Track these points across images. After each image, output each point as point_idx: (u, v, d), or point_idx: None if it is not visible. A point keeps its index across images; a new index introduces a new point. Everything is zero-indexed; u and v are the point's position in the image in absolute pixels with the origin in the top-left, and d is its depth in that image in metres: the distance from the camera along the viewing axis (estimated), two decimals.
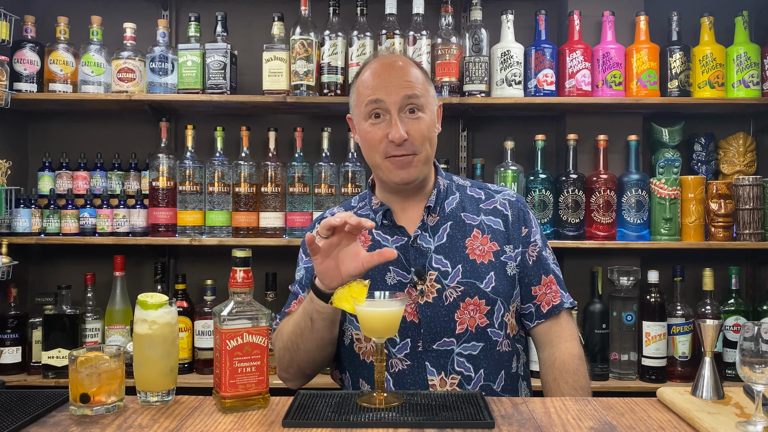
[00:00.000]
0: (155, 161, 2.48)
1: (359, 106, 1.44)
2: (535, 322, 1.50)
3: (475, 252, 1.44)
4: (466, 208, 1.50)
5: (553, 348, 1.48)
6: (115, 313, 2.45)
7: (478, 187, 1.57)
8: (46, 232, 2.48)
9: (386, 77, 1.40)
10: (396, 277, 1.43)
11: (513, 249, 1.48)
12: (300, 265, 1.57)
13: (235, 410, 1.22)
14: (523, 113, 2.71)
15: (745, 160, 2.62)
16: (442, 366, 1.40)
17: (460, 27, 2.67)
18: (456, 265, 1.43)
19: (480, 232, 1.47)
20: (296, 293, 1.55)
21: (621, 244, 2.45)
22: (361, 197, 1.60)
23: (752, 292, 2.70)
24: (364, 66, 1.48)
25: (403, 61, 1.45)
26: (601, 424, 1.16)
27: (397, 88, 1.39)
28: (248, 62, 2.63)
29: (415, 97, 1.39)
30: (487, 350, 1.41)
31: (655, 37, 2.54)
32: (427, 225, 1.47)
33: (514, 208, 1.52)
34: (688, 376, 2.37)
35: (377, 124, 1.40)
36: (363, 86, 1.43)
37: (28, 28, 2.49)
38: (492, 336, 1.42)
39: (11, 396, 1.27)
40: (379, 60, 1.46)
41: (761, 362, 1.10)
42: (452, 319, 1.41)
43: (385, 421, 1.14)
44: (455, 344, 1.40)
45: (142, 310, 1.28)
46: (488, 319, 1.42)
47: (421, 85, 1.42)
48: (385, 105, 1.39)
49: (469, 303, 1.41)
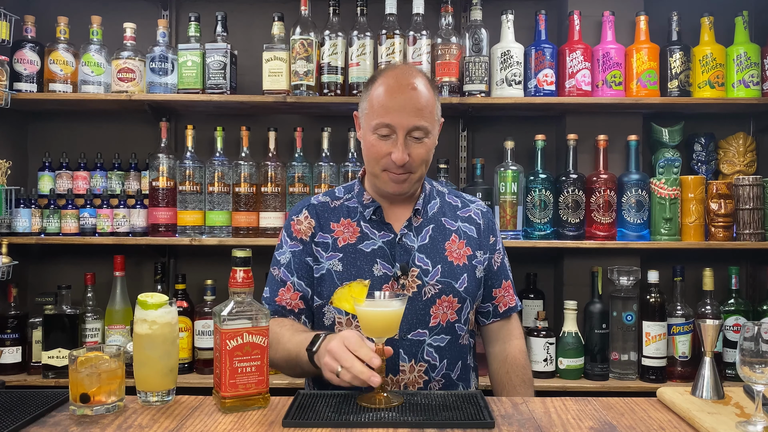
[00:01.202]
0: (155, 161, 2.48)
1: (369, 118, 1.51)
2: (490, 320, 1.68)
3: (452, 254, 1.58)
4: (445, 214, 1.63)
5: (504, 344, 1.67)
6: (115, 313, 2.45)
7: (455, 195, 1.70)
8: (46, 232, 2.48)
9: (400, 100, 1.46)
10: (382, 270, 1.53)
11: (482, 254, 1.62)
12: (284, 248, 1.61)
13: (235, 410, 1.22)
14: (523, 113, 2.71)
15: (745, 160, 2.62)
16: (413, 354, 1.51)
17: (460, 27, 2.67)
18: (436, 265, 1.55)
19: (457, 237, 1.60)
20: (284, 280, 1.58)
21: (621, 244, 2.45)
22: (347, 189, 1.67)
23: (752, 292, 2.70)
24: (381, 75, 1.53)
25: (418, 81, 1.49)
26: (601, 424, 1.16)
27: (408, 115, 1.46)
28: (248, 62, 2.63)
29: (423, 127, 1.48)
30: (452, 342, 1.55)
31: (655, 37, 2.54)
32: (413, 225, 1.58)
33: (485, 218, 1.67)
34: (688, 376, 2.37)
35: (383, 140, 1.49)
36: (376, 102, 1.49)
37: (28, 28, 2.49)
38: (458, 330, 1.56)
39: (11, 396, 1.28)
40: (395, 76, 1.50)
41: (761, 362, 1.10)
42: (428, 313, 1.52)
43: (385, 421, 1.14)
44: (427, 335, 1.52)
45: (142, 310, 1.28)
46: (457, 315, 1.56)
47: (430, 112, 1.49)
48: (394, 128, 1.47)
49: (444, 300, 1.54)
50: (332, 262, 1.54)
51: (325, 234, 1.57)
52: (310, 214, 1.61)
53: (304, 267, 1.57)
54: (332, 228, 1.58)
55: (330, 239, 1.56)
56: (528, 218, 2.48)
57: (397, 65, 1.61)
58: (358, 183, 1.64)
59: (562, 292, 2.59)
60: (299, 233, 1.59)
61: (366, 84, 1.57)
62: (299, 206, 1.65)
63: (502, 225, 2.46)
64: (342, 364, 1.24)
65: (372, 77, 1.57)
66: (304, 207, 1.63)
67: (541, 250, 2.65)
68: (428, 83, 1.52)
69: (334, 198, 1.64)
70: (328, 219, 1.59)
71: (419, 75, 1.53)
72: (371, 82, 1.54)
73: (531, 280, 2.64)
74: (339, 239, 1.56)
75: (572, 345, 2.40)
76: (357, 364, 1.22)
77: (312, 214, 1.60)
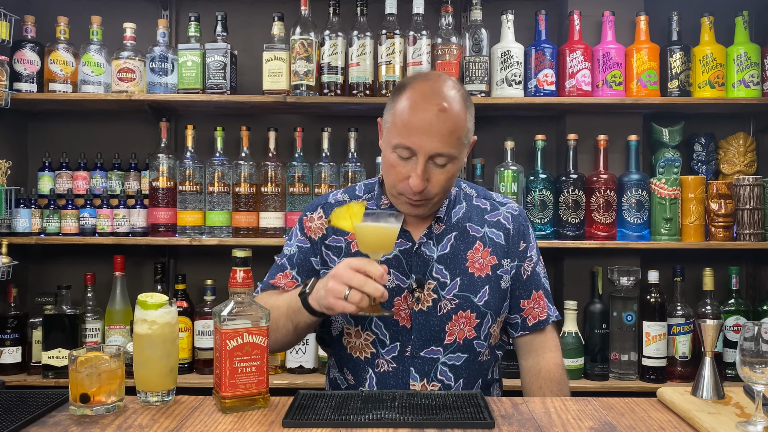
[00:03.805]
0: (155, 161, 2.48)
1: (390, 134, 1.37)
2: (519, 333, 1.54)
3: (474, 265, 1.46)
4: (471, 219, 1.51)
5: (538, 357, 1.53)
6: (115, 313, 2.45)
7: (483, 197, 1.57)
8: (46, 232, 2.48)
9: (425, 121, 1.30)
10: (395, 281, 1.43)
11: (510, 263, 1.50)
12: (293, 241, 1.54)
13: (235, 410, 1.22)
14: (523, 113, 2.71)
15: (745, 160, 2.62)
16: (426, 373, 1.42)
17: (460, 27, 2.67)
18: (455, 278, 1.45)
19: (482, 245, 1.48)
20: (283, 266, 1.53)
21: (621, 244, 2.45)
22: (368, 188, 1.56)
23: (752, 292, 2.70)
24: (409, 85, 1.36)
25: (448, 98, 1.32)
26: (601, 424, 1.16)
27: (432, 140, 1.31)
28: (248, 62, 2.64)
29: (447, 154, 1.33)
30: (469, 361, 1.45)
31: (655, 37, 2.54)
32: (433, 233, 1.47)
33: (516, 222, 1.54)
34: (688, 376, 2.37)
35: (402, 161, 1.35)
36: (399, 118, 1.34)
37: (28, 28, 2.49)
38: (476, 347, 1.46)
39: (11, 396, 1.27)
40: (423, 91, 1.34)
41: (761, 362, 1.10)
42: (443, 330, 1.43)
43: (385, 421, 1.14)
44: (441, 353, 1.43)
45: (142, 310, 1.28)
46: (476, 332, 1.45)
47: (458, 138, 1.33)
48: (415, 151, 1.33)
49: (461, 316, 1.43)
50: None
51: (338, 237, 1.49)
52: (325, 213, 1.52)
53: (307, 264, 1.51)
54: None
55: (343, 243, 1.49)
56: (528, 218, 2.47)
57: (429, 75, 1.44)
58: (378, 185, 1.53)
59: (562, 292, 2.59)
60: (310, 231, 1.52)
61: (393, 92, 1.40)
62: (315, 203, 1.57)
63: None
64: (352, 284, 1.19)
65: (400, 84, 1.39)
66: (320, 205, 1.55)
67: (542, 250, 2.62)
68: (461, 100, 1.35)
69: (353, 196, 1.55)
70: None
71: (452, 90, 1.34)
72: (398, 91, 1.38)
73: None
74: (352, 243, 1.47)
75: (572, 345, 2.40)
76: (370, 282, 1.19)
77: (327, 213, 1.51)
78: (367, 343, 1.45)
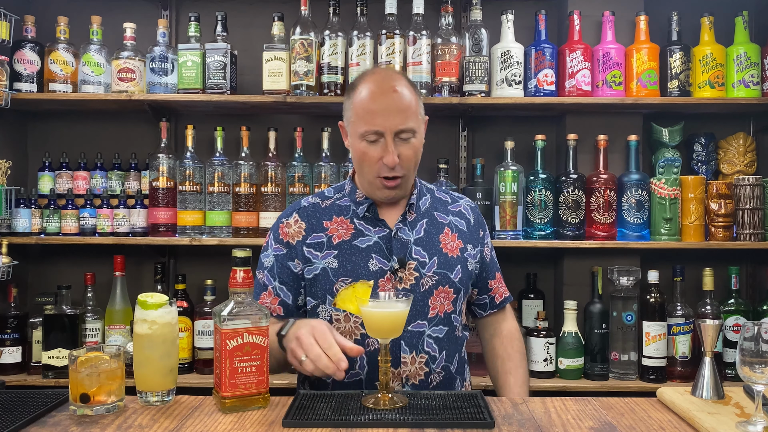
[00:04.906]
0: (155, 161, 2.48)
1: (355, 126, 1.52)
2: (487, 312, 1.74)
3: (447, 246, 1.60)
4: (437, 209, 1.66)
5: (500, 325, 1.75)
6: (115, 313, 2.45)
7: (443, 192, 1.74)
8: (46, 232, 2.48)
9: (384, 104, 1.48)
10: (378, 264, 1.54)
11: (473, 248, 1.66)
12: (269, 251, 1.61)
13: (235, 410, 1.22)
14: (523, 113, 2.71)
15: (745, 160, 2.62)
16: (414, 346, 1.52)
17: (460, 27, 2.67)
18: (432, 257, 1.57)
19: (450, 230, 1.64)
20: (266, 284, 1.59)
21: (621, 244, 2.45)
22: (337, 189, 1.67)
23: (752, 292, 2.70)
24: (362, 80, 1.55)
25: (398, 82, 1.52)
26: (601, 424, 1.16)
27: (394, 118, 1.48)
28: (248, 62, 2.63)
29: (409, 128, 1.50)
30: (449, 334, 1.57)
31: (655, 37, 2.54)
32: (407, 220, 1.60)
33: (474, 213, 1.72)
34: (688, 376, 2.37)
35: (372, 145, 1.50)
36: (361, 108, 1.50)
37: (28, 28, 2.49)
38: (453, 321, 1.59)
39: (11, 396, 1.28)
40: (375, 81, 1.52)
41: (761, 362, 1.10)
42: (426, 305, 1.54)
43: (385, 421, 1.14)
44: (426, 327, 1.54)
45: (142, 310, 1.28)
46: (453, 306, 1.59)
47: (414, 112, 1.51)
48: (382, 132, 1.48)
49: (441, 291, 1.56)
50: (327, 260, 1.54)
51: (318, 234, 1.57)
52: (301, 217, 1.60)
53: (286, 271, 1.57)
54: (325, 226, 1.58)
55: (324, 238, 1.57)
56: (528, 218, 2.48)
57: (376, 70, 1.62)
58: (350, 182, 1.65)
59: (562, 292, 2.59)
60: (287, 236, 1.59)
61: (347, 91, 1.58)
62: (289, 209, 1.65)
63: (502, 225, 2.46)
64: (308, 354, 1.27)
65: (352, 85, 1.57)
66: (294, 210, 1.63)
67: (541, 250, 2.65)
68: (408, 83, 1.54)
69: (324, 198, 1.65)
70: (320, 219, 1.59)
71: (399, 76, 1.56)
72: (352, 89, 1.55)
73: (531, 280, 2.64)
74: (333, 236, 1.56)
75: (572, 345, 2.40)
76: (324, 359, 1.25)
77: (302, 216, 1.60)
78: (356, 325, 1.51)
